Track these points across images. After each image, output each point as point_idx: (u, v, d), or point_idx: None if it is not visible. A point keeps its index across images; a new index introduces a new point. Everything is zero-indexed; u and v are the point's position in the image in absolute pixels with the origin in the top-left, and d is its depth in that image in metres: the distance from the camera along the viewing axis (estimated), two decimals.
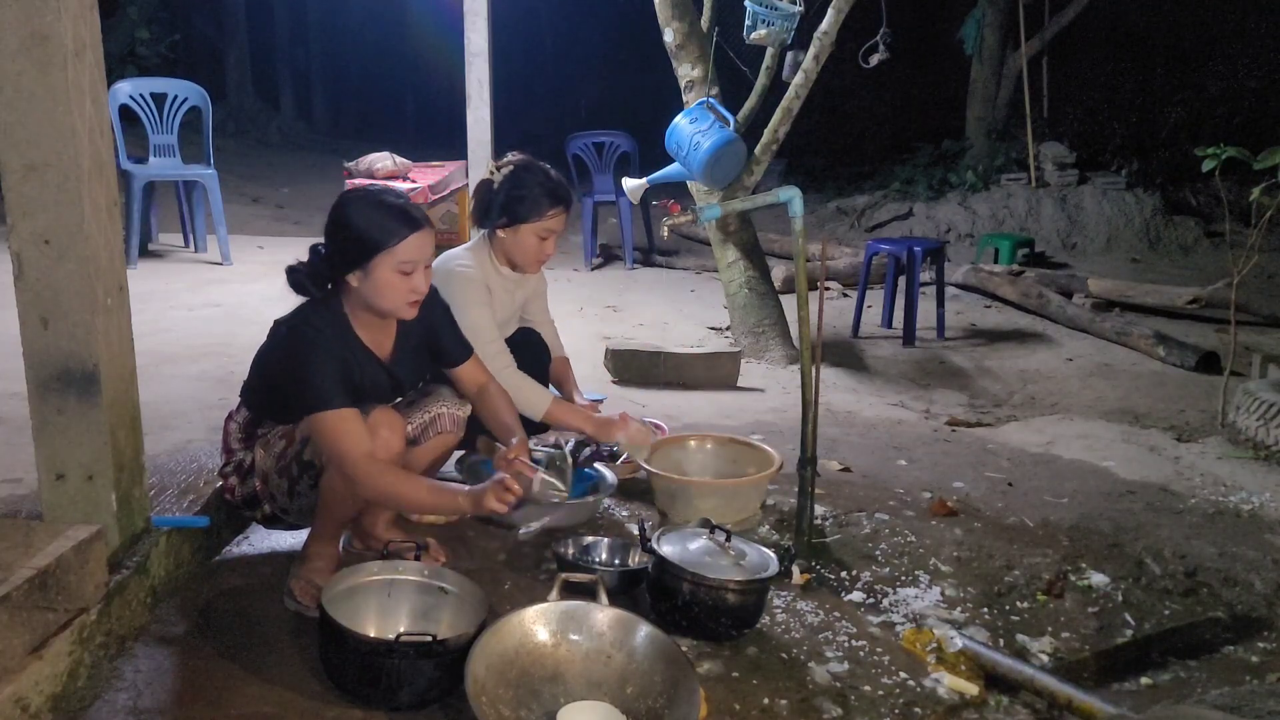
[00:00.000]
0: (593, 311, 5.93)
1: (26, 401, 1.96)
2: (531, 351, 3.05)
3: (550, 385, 3.05)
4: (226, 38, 15.07)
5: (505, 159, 2.81)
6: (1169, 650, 2.28)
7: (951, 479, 3.30)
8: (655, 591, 2.26)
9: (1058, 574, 2.59)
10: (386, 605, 2.06)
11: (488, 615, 1.98)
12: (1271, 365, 4.35)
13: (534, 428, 3.14)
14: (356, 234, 2.11)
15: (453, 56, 5.64)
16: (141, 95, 6.22)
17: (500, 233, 2.73)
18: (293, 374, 2.11)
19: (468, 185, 5.65)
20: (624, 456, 3.10)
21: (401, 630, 1.93)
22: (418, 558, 2.21)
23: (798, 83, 4.40)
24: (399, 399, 2.38)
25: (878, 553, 2.70)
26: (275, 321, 2.22)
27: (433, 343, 2.41)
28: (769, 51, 4.56)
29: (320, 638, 1.93)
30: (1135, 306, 6.51)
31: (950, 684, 2.07)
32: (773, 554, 2.32)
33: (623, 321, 5.77)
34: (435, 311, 2.39)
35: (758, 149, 4.58)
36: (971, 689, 2.06)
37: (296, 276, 2.18)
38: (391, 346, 2.30)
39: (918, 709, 2.00)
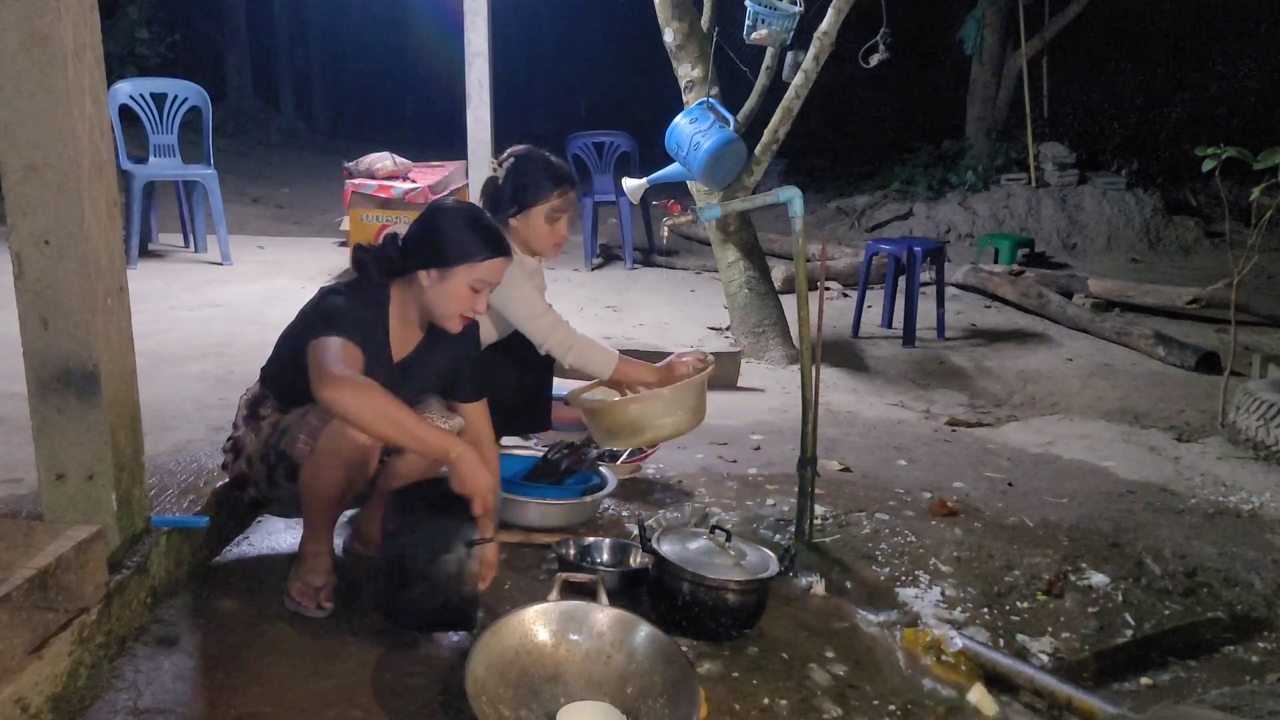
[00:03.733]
0: (593, 311, 5.93)
1: (26, 401, 1.96)
2: (533, 349, 3.04)
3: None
4: (226, 38, 15.07)
5: (506, 153, 2.85)
6: (1169, 650, 2.29)
7: (951, 479, 3.30)
8: (655, 591, 2.26)
9: (1058, 574, 2.59)
10: None
11: (487, 615, 1.97)
12: (1271, 365, 4.35)
13: (536, 428, 3.13)
14: (452, 238, 2.18)
15: (453, 56, 5.63)
16: (141, 95, 6.21)
17: (513, 222, 2.77)
18: (314, 313, 2.16)
19: (468, 185, 5.64)
20: (624, 457, 3.10)
21: None
22: None
23: (798, 83, 4.40)
24: None
25: (878, 553, 2.70)
26: (321, 289, 2.27)
27: (453, 373, 2.41)
28: (769, 51, 4.56)
29: None
30: (1135, 306, 6.52)
31: (978, 702, 2.03)
32: (772, 554, 2.32)
33: (623, 321, 5.77)
34: (467, 346, 2.41)
35: (758, 149, 4.58)
36: (991, 709, 2.02)
37: (363, 255, 2.25)
38: (410, 352, 2.31)
39: (918, 709, 2.00)
